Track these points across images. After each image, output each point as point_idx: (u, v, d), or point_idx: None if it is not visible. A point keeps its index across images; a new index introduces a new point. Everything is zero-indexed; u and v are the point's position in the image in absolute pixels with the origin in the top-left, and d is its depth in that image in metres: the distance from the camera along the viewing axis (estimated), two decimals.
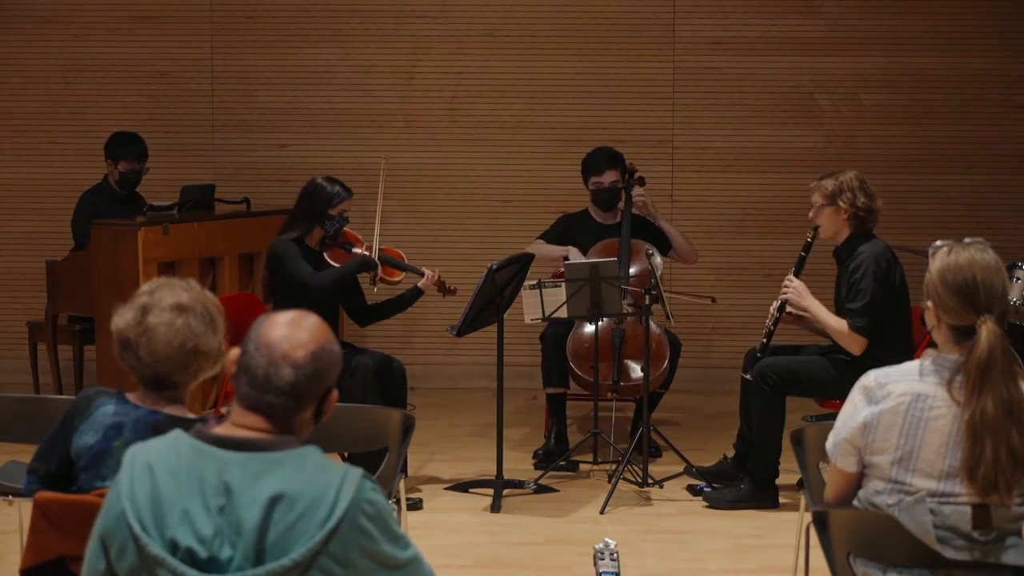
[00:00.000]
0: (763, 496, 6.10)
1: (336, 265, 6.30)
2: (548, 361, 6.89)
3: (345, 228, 6.38)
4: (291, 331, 2.63)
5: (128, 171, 7.77)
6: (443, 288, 6.53)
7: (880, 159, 8.44)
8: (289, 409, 2.62)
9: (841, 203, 5.96)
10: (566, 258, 6.92)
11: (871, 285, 5.87)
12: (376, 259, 6.32)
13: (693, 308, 8.34)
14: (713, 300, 7.14)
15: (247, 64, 8.64)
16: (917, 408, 3.36)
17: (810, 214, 6.09)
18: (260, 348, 2.62)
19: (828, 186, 6.00)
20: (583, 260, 6.70)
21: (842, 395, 6.02)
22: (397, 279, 6.51)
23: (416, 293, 6.51)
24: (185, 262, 7.29)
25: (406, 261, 6.57)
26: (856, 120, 8.57)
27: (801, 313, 6.13)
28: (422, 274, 6.47)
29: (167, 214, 7.46)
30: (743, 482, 6.18)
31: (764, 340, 6.17)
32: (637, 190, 7.03)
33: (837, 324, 5.95)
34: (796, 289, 6.08)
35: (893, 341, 5.88)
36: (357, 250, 6.37)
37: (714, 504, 6.15)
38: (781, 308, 6.14)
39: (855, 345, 5.90)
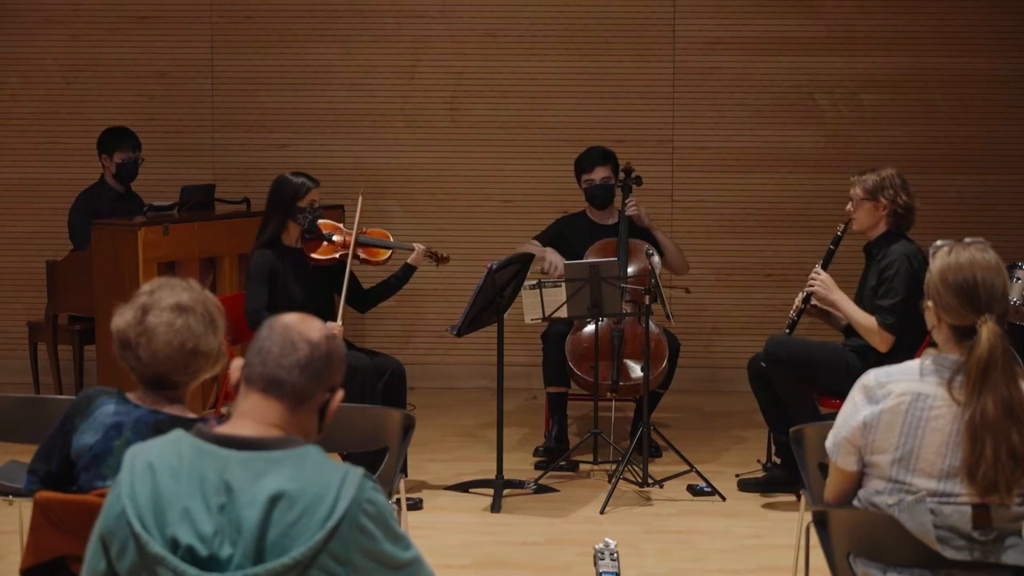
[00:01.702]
0: (799, 479, 6.06)
1: (317, 258, 6.26)
2: (550, 360, 6.89)
3: (320, 220, 6.33)
4: (304, 320, 2.70)
5: (124, 160, 7.77)
6: (435, 257, 6.52)
7: (880, 159, 8.40)
8: (301, 390, 2.63)
9: (882, 199, 5.94)
10: (542, 260, 6.96)
11: (903, 284, 5.86)
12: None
13: (693, 308, 8.35)
14: (687, 291, 7.19)
15: (247, 64, 8.64)
16: (917, 408, 3.36)
17: (848, 206, 6.05)
18: (275, 331, 2.67)
19: (870, 181, 5.95)
20: (580, 261, 6.69)
21: (846, 390, 6.03)
22: (383, 259, 6.48)
23: (408, 270, 6.48)
24: (185, 262, 7.29)
25: (391, 240, 6.54)
26: (856, 120, 8.57)
27: (826, 307, 6.12)
28: (410, 248, 6.46)
29: (167, 214, 7.46)
30: (775, 467, 6.19)
31: (787, 330, 6.15)
32: (631, 199, 7.03)
33: (865, 320, 5.92)
34: (824, 282, 6.05)
35: (911, 341, 5.87)
36: (336, 239, 6.33)
37: (747, 488, 6.20)
38: (807, 300, 6.12)
39: (882, 342, 5.89)
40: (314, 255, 6.27)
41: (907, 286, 5.86)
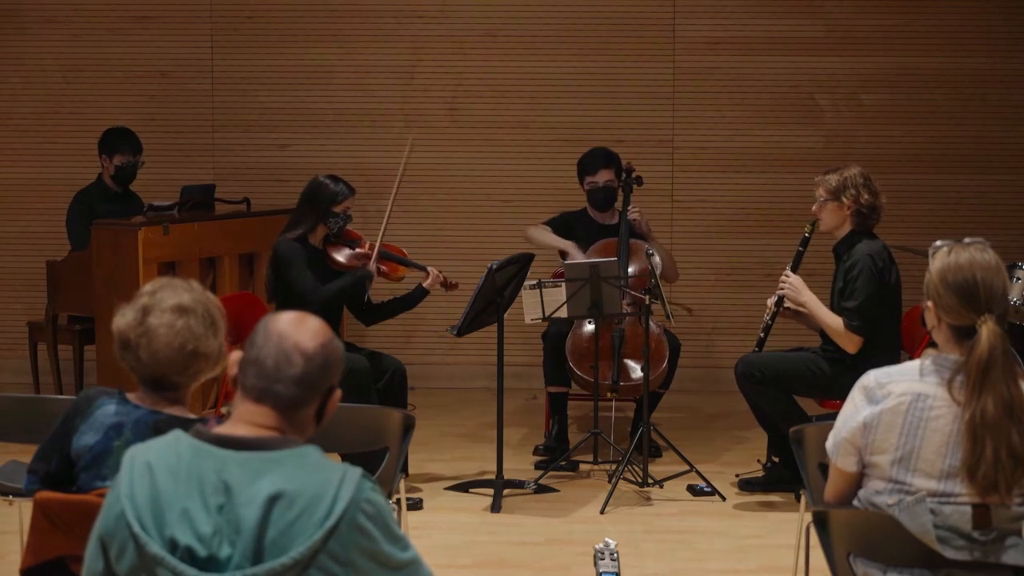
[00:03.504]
0: (798, 478, 6.06)
1: (339, 261, 6.33)
2: (550, 360, 6.89)
3: (348, 227, 6.41)
4: (300, 325, 2.67)
5: (123, 164, 7.76)
6: (446, 284, 6.54)
7: (880, 159, 8.43)
8: (296, 400, 2.63)
9: (845, 199, 5.96)
10: (563, 253, 6.96)
11: (867, 284, 5.89)
12: (373, 269, 6.31)
13: (693, 308, 8.34)
14: (690, 311, 7.18)
15: (247, 64, 8.64)
16: (917, 408, 3.36)
17: (813, 207, 6.10)
18: (270, 339, 2.64)
19: (832, 181, 5.99)
20: (583, 260, 6.69)
21: (828, 392, 6.07)
22: (401, 276, 6.52)
23: (422, 292, 6.52)
24: (185, 262, 7.29)
25: (408, 257, 6.59)
26: (856, 120, 8.57)
27: (799, 308, 6.14)
28: (425, 270, 6.48)
29: (167, 214, 7.46)
30: (776, 466, 6.19)
31: (761, 335, 6.20)
32: (632, 207, 7.04)
33: (833, 321, 5.96)
34: (793, 284, 6.10)
35: (883, 340, 5.91)
36: (360, 249, 6.40)
37: (747, 488, 6.22)
38: (779, 303, 6.16)
39: (850, 343, 5.92)
40: (337, 257, 6.33)
41: (872, 285, 5.88)
